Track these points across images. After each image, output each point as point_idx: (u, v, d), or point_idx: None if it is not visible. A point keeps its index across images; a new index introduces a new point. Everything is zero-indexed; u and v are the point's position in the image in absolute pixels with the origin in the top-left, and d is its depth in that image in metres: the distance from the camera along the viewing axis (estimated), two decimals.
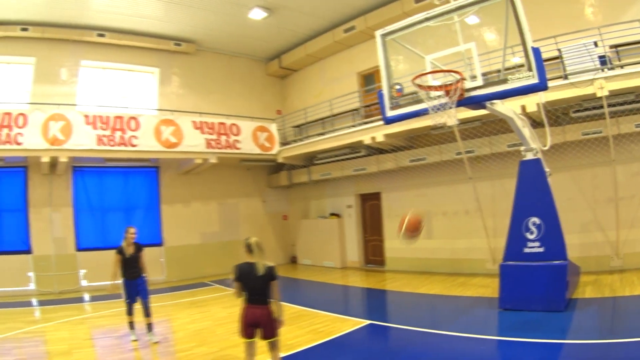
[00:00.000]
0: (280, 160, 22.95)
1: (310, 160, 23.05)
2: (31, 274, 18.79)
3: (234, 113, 22.80)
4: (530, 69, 9.24)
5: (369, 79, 21.73)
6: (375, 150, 19.64)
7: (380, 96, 11.42)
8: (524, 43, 9.31)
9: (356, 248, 22.30)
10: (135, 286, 10.81)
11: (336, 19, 21.48)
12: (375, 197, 21.42)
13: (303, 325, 11.21)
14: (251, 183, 25.18)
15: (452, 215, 18.18)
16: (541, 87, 9.36)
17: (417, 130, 16.96)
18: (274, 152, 22.76)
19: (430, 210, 18.70)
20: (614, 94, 12.88)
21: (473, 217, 16.91)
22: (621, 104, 13.38)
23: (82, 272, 19.60)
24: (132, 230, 11.14)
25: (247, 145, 21.86)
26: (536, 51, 9.15)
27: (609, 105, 13.26)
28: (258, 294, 6.89)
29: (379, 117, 17.28)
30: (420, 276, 17.63)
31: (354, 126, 19.40)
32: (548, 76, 12.59)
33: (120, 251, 10.83)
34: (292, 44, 24.42)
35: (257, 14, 20.53)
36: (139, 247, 11.19)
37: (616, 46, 13.95)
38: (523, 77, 9.37)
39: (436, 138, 17.39)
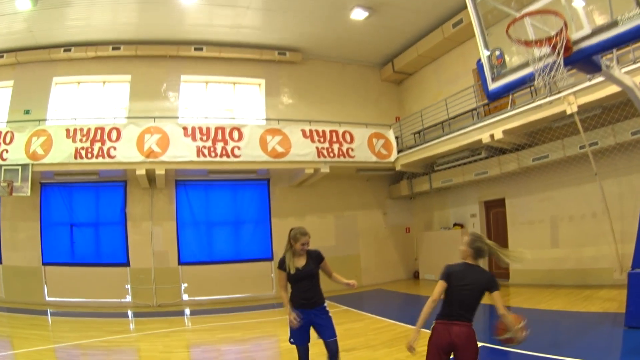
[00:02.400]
0: (398, 167, 21.57)
1: (430, 167, 21.64)
2: (128, 286, 18.87)
3: (349, 122, 21.75)
4: (638, 5, 7.59)
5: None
6: (496, 150, 17.97)
7: (480, 67, 9.80)
8: None
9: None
10: (307, 320, 6.83)
11: (442, 13, 20.07)
12: (499, 204, 19.67)
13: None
14: (370, 194, 23.92)
15: (578, 219, 16.15)
16: None
17: (537, 123, 15.31)
18: (391, 159, 21.39)
19: (556, 216, 16.93)
20: None
21: (600, 221, 14.80)
22: None
23: (184, 286, 19.37)
24: (304, 237, 6.86)
25: (362, 153, 20.66)
26: None
27: None
28: (465, 309, 5.30)
29: (498, 113, 16.23)
30: (545, 290, 15.80)
31: (473, 124, 17.86)
32: None
33: (282, 265, 6.97)
34: (402, 46, 23.20)
35: (359, 14, 19.67)
36: (316, 258, 7.04)
37: None
38: (633, 16, 7.82)
39: (557, 132, 15.55)
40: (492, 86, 9.57)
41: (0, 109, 20.01)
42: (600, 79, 11.93)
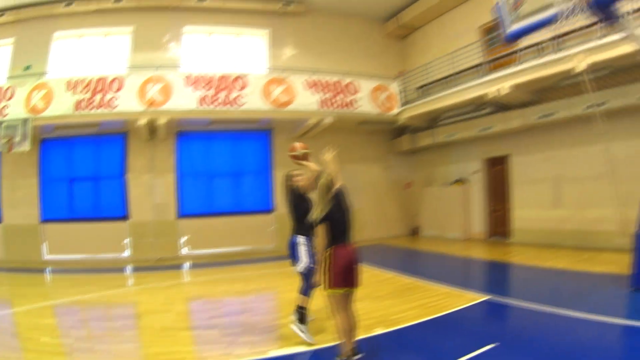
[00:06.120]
0: (401, 121, 21.50)
1: (433, 121, 21.55)
2: (127, 240, 18.80)
3: (352, 73, 21.52)
4: None
5: (491, 33, 19.68)
6: (501, 106, 17.92)
7: (499, 9, 9.74)
8: None
9: (481, 218, 20.62)
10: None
11: None
12: (502, 161, 19.61)
13: (413, 299, 9.88)
14: (372, 148, 23.81)
15: (582, 180, 16.11)
16: None
17: (544, 80, 15.10)
18: (394, 112, 21.35)
19: (559, 175, 16.92)
20: None
21: (604, 183, 14.66)
22: None
23: (184, 239, 19.29)
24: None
25: (366, 105, 20.65)
26: None
27: None
28: None
29: (505, 68, 16.10)
30: (547, 249, 15.92)
31: (480, 78, 17.73)
32: None
33: None
34: (407, 0, 22.87)
35: None
36: None
37: None
38: None
39: (565, 91, 15.42)
40: (511, 28, 9.55)
41: (1, 67, 19.68)
42: (611, 37, 11.80)
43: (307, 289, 7.62)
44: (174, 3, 20.48)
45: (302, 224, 7.84)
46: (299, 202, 8.07)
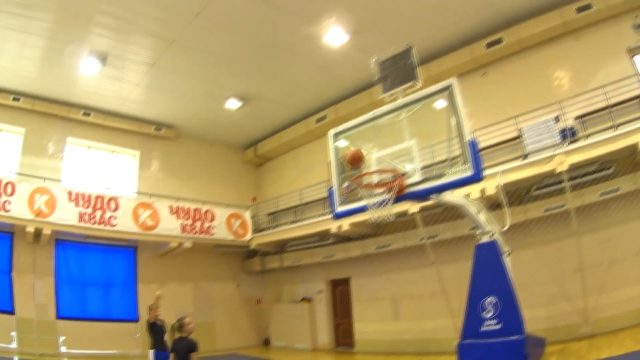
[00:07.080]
0: (252, 246, 23.71)
1: (282, 247, 23.84)
2: (14, 333, 18.73)
3: (211, 199, 23.73)
4: (466, 162, 10.07)
5: (339, 168, 22.29)
6: (343, 238, 20.37)
7: (331, 193, 12.46)
8: (461, 136, 10.21)
9: (327, 330, 22.51)
10: None
11: (309, 109, 22.97)
12: (345, 282, 21.96)
13: None
14: (226, 267, 25.64)
15: (418, 297, 18.37)
16: (475, 178, 10.14)
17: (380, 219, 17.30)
18: (246, 238, 23.64)
19: (397, 294, 19.24)
20: (575, 167, 13.40)
21: (438, 299, 16.74)
22: (583, 175, 13.88)
23: (62, 339, 19.58)
24: None
25: (221, 232, 22.78)
26: (472, 144, 10.01)
27: (572, 178, 13.78)
28: None
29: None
30: (388, 357, 17.75)
31: (322, 215, 20.45)
32: (509, 157, 13.40)
33: None
34: (267, 133, 25.85)
35: (233, 104, 22.22)
36: None
37: (582, 116, 14.75)
38: (459, 171, 10.21)
39: (401, 225, 17.85)
40: (339, 209, 12.39)
41: None
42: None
43: None
44: (62, 112, 21.60)
45: (154, 342, 11.49)
46: (150, 327, 11.76)
